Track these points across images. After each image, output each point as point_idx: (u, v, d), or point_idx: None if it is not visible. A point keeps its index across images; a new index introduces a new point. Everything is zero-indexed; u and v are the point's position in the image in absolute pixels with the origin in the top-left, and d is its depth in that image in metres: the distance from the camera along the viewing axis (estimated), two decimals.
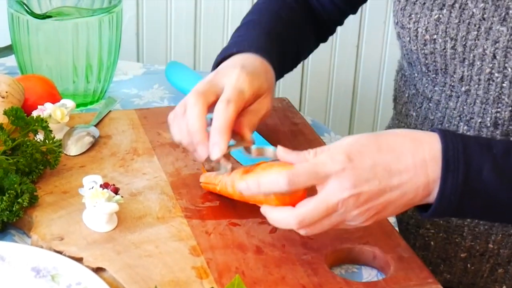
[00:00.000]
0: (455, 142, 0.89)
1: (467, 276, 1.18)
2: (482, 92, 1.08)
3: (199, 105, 0.98)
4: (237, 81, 1.00)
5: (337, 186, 0.87)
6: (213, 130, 0.97)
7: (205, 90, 1.00)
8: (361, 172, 0.87)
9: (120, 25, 1.33)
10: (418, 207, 0.93)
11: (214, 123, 0.97)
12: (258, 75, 1.04)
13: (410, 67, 1.18)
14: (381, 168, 0.88)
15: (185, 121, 0.99)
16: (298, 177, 0.87)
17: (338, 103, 2.14)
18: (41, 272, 0.91)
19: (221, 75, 1.03)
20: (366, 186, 0.87)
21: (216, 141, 0.96)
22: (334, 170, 0.87)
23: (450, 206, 0.89)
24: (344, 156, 0.87)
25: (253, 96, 1.02)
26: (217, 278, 0.91)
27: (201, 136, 0.97)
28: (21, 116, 1.07)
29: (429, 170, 0.89)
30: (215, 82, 1.02)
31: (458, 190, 0.88)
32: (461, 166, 0.88)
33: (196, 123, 0.98)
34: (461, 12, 1.06)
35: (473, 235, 1.15)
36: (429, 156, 0.89)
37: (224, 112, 0.97)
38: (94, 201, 0.96)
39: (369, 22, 2.03)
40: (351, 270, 0.97)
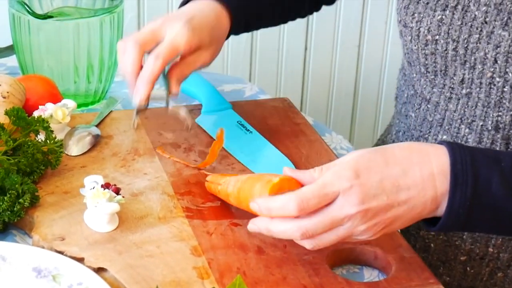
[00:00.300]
0: (463, 155, 0.88)
1: (466, 279, 1.18)
2: (484, 95, 1.07)
3: (133, 53, 1.08)
4: (176, 35, 1.08)
5: (344, 202, 0.86)
6: (138, 78, 1.08)
7: (144, 39, 1.09)
8: (369, 188, 0.87)
9: (121, 25, 1.33)
10: (425, 221, 0.92)
11: (141, 73, 1.08)
12: (201, 30, 1.11)
13: (409, 67, 1.18)
14: (389, 183, 0.87)
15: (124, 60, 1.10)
16: (308, 201, 0.87)
17: (339, 103, 2.13)
18: (42, 272, 0.91)
19: (166, 25, 1.10)
20: (374, 202, 0.87)
21: (138, 90, 1.08)
22: (342, 188, 0.86)
23: (459, 220, 0.89)
24: (351, 172, 0.87)
25: (190, 49, 1.10)
26: (219, 278, 0.91)
27: (131, 80, 1.09)
28: (22, 116, 1.07)
29: (437, 184, 0.88)
30: (158, 32, 1.10)
31: (467, 204, 0.88)
32: (469, 179, 0.87)
33: (128, 69, 1.09)
34: (464, 14, 1.05)
35: (473, 239, 1.14)
36: (436, 169, 0.88)
37: (150, 67, 1.07)
38: (95, 201, 0.96)
39: (370, 22, 2.03)
40: (352, 271, 0.97)
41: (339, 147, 1.27)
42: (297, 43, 2.03)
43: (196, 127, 1.22)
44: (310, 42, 2.04)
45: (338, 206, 0.87)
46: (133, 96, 1.09)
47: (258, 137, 1.19)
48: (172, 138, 1.19)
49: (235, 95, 1.38)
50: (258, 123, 1.23)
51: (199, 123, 1.23)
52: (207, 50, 1.12)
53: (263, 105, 1.31)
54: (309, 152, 1.17)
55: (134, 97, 1.09)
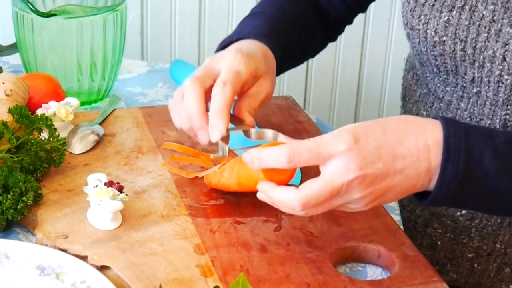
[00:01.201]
0: (457, 129, 0.89)
1: (473, 276, 1.18)
2: (492, 94, 1.08)
3: (196, 90, 0.99)
4: (233, 62, 1.02)
5: (342, 167, 0.86)
6: (211, 113, 0.98)
7: (202, 75, 1.02)
8: (367, 154, 0.87)
9: (125, 23, 1.33)
10: (417, 195, 0.93)
11: (212, 105, 0.98)
12: (254, 56, 1.05)
13: (422, 66, 1.18)
14: (386, 151, 0.87)
15: (184, 107, 1.01)
16: (299, 155, 0.87)
17: (342, 101, 2.13)
18: (46, 270, 0.91)
19: (217, 59, 1.04)
20: (370, 168, 0.87)
21: (215, 123, 0.98)
22: (338, 150, 0.86)
23: (449, 193, 0.89)
24: (350, 136, 0.87)
25: (251, 77, 1.03)
26: (222, 276, 0.91)
27: (200, 120, 0.99)
28: (25, 114, 1.07)
29: (432, 156, 0.88)
30: (211, 66, 1.03)
31: (458, 178, 0.88)
32: (462, 153, 0.88)
33: (194, 108, 0.99)
34: (471, 14, 1.05)
35: (481, 236, 1.14)
36: (431, 142, 0.89)
37: (221, 95, 0.98)
38: (99, 199, 0.97)
39: (373, 21, 2.03)
40: (355, 269, 0.97)
41: None
42: None
43: None
44: None
45: (335, 171, 0.86)
46: (211, 132, 0.98)
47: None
48: (176, 136, 1.19)
49: None
50: (261, 121, 1.23)
51: None
52: (266, 78, 1.06)
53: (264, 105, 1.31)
54: None
55: (213, 133, 0.98)
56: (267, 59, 1.08)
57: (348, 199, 0.88)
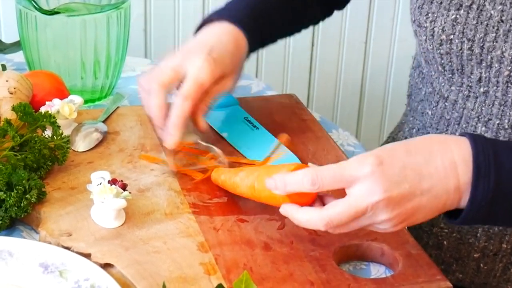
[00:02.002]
0: (485, 146, 0.88)
1: (479, 275, 1.17)
2: (501, 94, 1.07)
3: (159, 97, 1.07)
4: (199, 72, 1.06)
5: (366, 189, 0.86)
6: (169, 123, 1.06)
7: (167, 80, 1.07)
8: (391, 176, 0.86)
9: (128, 21, 1.33)
10: (448, 215, 0.92)
11: (171, 116, 1.06)
12: (223, 59, 1.09)
13: (427, 65, 1.17)
14: (411, 171, 0.87)
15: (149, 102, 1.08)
16: (322, 179, 0.87)
17: (346, 99, 2.13)
18: (49, 268, 0.91)
19: (186, 61, 1.08)
20: (396, 190, 0.86)
21: (171, 132, 1.06)
22: (363, 173, 0.86)
23: (481, 212, 0.88)
24: (373, 158, 0.86)
25: (214, 82, 1.08)
26: (225, 274, 0.91)
27: (161, 124, 1.07)
28: (29, 112, 1.07)
29: (459, 172, 0.88)
30: (179, 69, 1.08)
31: (489, 196, 0.87)
32: (492, 171, 0.87)
33: (157, 113, 1.07)
34: (479, 14, 1.05)
35: (487, 236, 1.14)
36: (458, 158, 0.88)
37: (180, 108, 1.06)
38: (102, 197, 0.97)
39: (377, 19, 2.03)
40: (359, 267, 0.97)
41: (346, 143, 1.27)
42: (304, 40, 2.03)
43: None
44: (317, 38, 2.04)
45: (360, 193, 0.86)
46: (165, 139, 1.07)
47: (265, 133, 1.19)
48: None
49: (242, 91, 1.38)
50: (265, 119, 1.23)
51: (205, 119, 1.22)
52: (229, 77, 1.10)
53: (270, 101, 1.31)
54: (316, 149, 1.17)
55: (167, 140, 1.07)
56: (237, 52, 1.12)
57: (375, 221, 0.88)
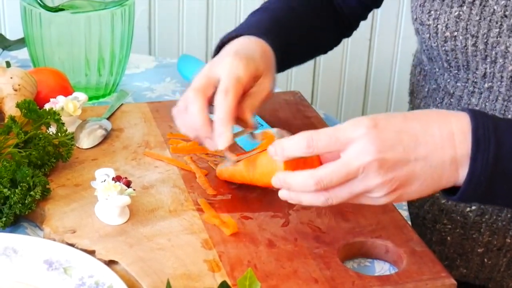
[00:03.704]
0: (485, 121, 0.87)
1: (483, 270, 1.17)
2: (505, 89, 1.07)
3: (198, 101, 1.01)
4: (232, 67, 1.02)
5: (359, 149, 0.85)
6: (216, 122, 1.00)
7: (203, 85, 1.02)
8: (386, 137, 0.85)
9: (133, 18, 1.33)
10: (445, 192, 0.90)
11: (216, 115, 1.00)
12: (253, 57, 1.05)
13: (430, 62, 1.17)
14: (407, 136, 0.86)
15: (188, 117, 1.02)
16: (317, 141, 0.86)
17: (350, 96, 2.13)
18: (54, 265, 0.91)
19: (216, 65, 1.04)
20: (390, 152, 0.85)
21: (220, 132, 0.99)
22: (357, 134, 0.85)
23: (480, 188, 0.87)
24: (369, 120, 0.86)
25: (251, 79, 1.04)
26: (229, 271, 0.91)
27: (205, 131, 1.01)
28: (33, 109, 1.07)
29: (457, 143, 0.86)
30: (210, 74, 1.03)
31: (488, 171, 0.86)
32: (491, 146, 0.86)
33: (198, 120, 1.01)
34: (482, 9, 1.05)
35: (491, 231, 1.14)
36: (456, 129, 0.87)
37: (224, 103, 0.99)
38: (106, 194, 0.97)
39: (381, 16, 2.03)
40: (363, 264, 0.97)
41: None
42: None
43: None
44: None
45: (353, 153, 0.85)
46: (218, 142, 1.00)
47: None
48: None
49: None
50: (269, 116, 1.23)
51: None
52: (265, 77, 1.06)
53: (274, 98, 1.31)
54: None
55: (219, 141, 0.99)
56: (266, 57, 1.08)
57: (368, 185, 0.86)
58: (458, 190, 0.88)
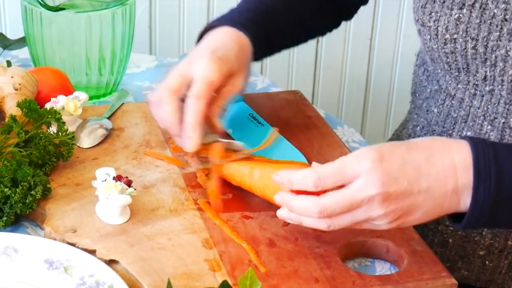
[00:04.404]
0: (485, 150, 0.88)
1: (485, 273, 1.17)
2: (506, 92, 1.07)
3: (171, 102, 1.04)
4: (205, 71, 1.04)
5: (365, 183, 0.86)
6: (185, 126, 1.03)
7: (176, 86, 1.05)
8: (391, 171, 0.86)
9: (133, 17, 1.33)
10: (451, 218, 0.92)
11: (186, 119, 1.03)
12: (228, 57, 1.07)
13: (433, 63, 1.17)
14: (411, 168, 0.87)
15: (161, 112, 1.06)
16: (325, 179, 0.87)
17: (351, 96, 2.13)
18: (54, 264, 0.91)
19: (191, 64, 1.07)
20: (394, 185, 0.86)
21: (189, 136, 1.03)
22: (363, 168, 0.86)
23: (483, 215, 0.88)
24: (374, 153, 0.87)
25: (224, 80, 1.06)
26: (230, 270, 0.91)
27: (177, 130, 1.04)
28: (34, 108, 1.07)
29: (459, 174, 0.88)
30: (185, 73, 1.06)
31: (491, 199, 0.87)
32: (492, 175, 0.87)
33: (170, 120, 1.04)
34: (482, 12, 1.05)
35: (493, 234, 1.14)
36: (458, 160, 0.88)
37: (194, 108, 1.03)
38: (107, 193, 0.97)
39: (382, 15, 2.03)
40: (364, 264, 0.97)
41: (351, 140, 1.27)
42: None
43: None
44: None
45: (358, 186, 0.86)
46: (185, 144, 1.03)
47: (270, 130, 1.19)
48: None
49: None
50: (269, 116, 1.23)
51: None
52: (238, 76, 1.09)
53: (275, 97, 1.31)
54: (321, 145, 1.17)
55: (187, 144, 1.03)
56: (242, 54, 1.10)
57: (370, 215, 0.88)
58: (463, 216, 0.89)
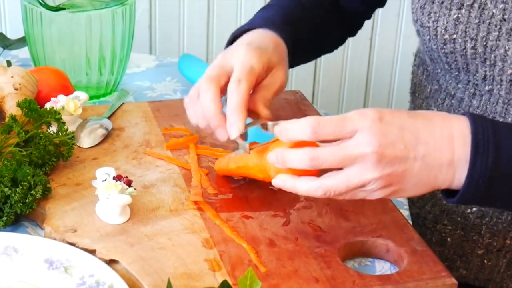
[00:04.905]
0: (484, 125, 0.87)
1: (483, 272, 1.17)
2: (504, 92, 1.07)
3: (211, 90, 1.00)
4: (245, 58, 1.02)
5: (361, 140, 0.85)
6: (228, 111, 0.99)
7: (216, 74, 1.02)
8: (389, 133, 0.85)
9: (133, 17, 1.33)
10: (445, 193, 0.91)
11: (229, 104, 0.99)
12: (266, 49, 1.05)
13: (432, 63, 1.17)
14: (409, 133, 0.86)
15: (199, 106, 1.02)
16: (323, 127, 0.86)
17: (351, 96, 2.13)
18: (54, 264, 0.91)
19: (229, 55, 1.04)
20: (390, 147, 0.85)
21: (233, 121, 0.98)
22: (361, 125, 0.85)
23: (479, 191, 0.87)
24: (375, 113, 0.86)
25: (264, 70, 1.04)
26: (230, 270, 0.91)
27: (218, 120, 1.00)
28: (34, 108, 1.07)
29: (455, 146, 0.87)
30: (224, 64, 1.04)
31: (487, 174, 0.86)
32: (490, 149, 0.86)
33: (211, 108, 1.00)
34: (481, 13, 1.05)
35: (491, 233, 1.14)
36: (456, 131, 0.87)
37: (236, 92, 0.99)
38: (107, 193, 0.97)
39: (382, 15, 2.03)
40: (364, 263, 0.97)
41: None
42: None
43: None
44: None
45: (354, 142, 0.85)
46: (230, 131, 0.99)
47: None
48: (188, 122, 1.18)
49: None
50: None
51: None
52: (278, 69, 1.07)
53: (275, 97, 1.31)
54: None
55: (232, 131, 0.98)
56: (279, 50, 1.08)
57: (365, 177, 0.86)
58: (457, 193, 0.89)
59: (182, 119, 1.21)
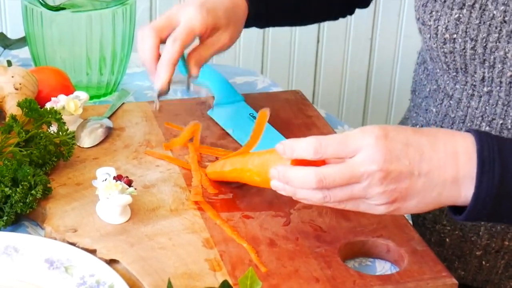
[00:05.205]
0: (490, 142, 0.87)
1: (481, 273, 1.17)
2: (504, 94, 1.07)
3: (151, 39, 1.10)
4: (189, 18, 1.10)
5: (367, 157, 0.85)
6: (158, 65, 1.10)
7: (161, 25, 1.11)
8: (393, 149, 0.85)
9: (134, 17, 1.33)
10: (452, 210, 0.91)
11: (161, 58, 1.10)
12: (216, 11, 1.12)
13: (432, 62, 1.17)
14: (413, 149, 0.86)
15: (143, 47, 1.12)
16: (326, 147, 0.86)
17: (351, 95, 2.13)
18: (55, 264, 0.91)
19: (180, 10, 1.12)
20: (395, 164, 0.85)
21: (159, 74, 1.09)
22: (366, 142, 0.85)
23: (485, 208, 0.87)
24: (378, 129, 0.86)
25: (208, 30, 1.12)
26: (230, 270, 0.91)
27: (151, 67, 1.11)
28: (34, 108, 1.07)
29: (460, 163, 0.87)
30: (171, 17, 1.12)
31: (494, 192, 0.86)
32: (496, 167, 0.86)
33: (146, 55, 1.11)
34: (482, 13, 1.05)
35: (490, 234, 1.14)
36: (461, 148, 0.87)
37: (169, 49, 1.09)
38: (108, 193, 0.97)
39: (383, 15, 2.03)
40: (364, 263, 0.97)
41: None
42: (310, 36, 2.03)
43: (208, 119, 1.22)
44: (323, 34, 2.04)
45: (360, 160, 0.85)
46: (154, 81, 1.10)
47: (270, 130, 1.19)
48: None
49: (247, 87, 1.38)
50: (270, 116, 1.22)
51: (211, 115, 1.22)
52: (225, 31, 1.13)
53: (275, 97, 1.31)
54: None
55: (156, 82, 1.09)
56: (233, 9, 1.14)
57: (368, 193, 0.86)
58: (464, 209, 0.89)
59: (183, 119, 1.21)
